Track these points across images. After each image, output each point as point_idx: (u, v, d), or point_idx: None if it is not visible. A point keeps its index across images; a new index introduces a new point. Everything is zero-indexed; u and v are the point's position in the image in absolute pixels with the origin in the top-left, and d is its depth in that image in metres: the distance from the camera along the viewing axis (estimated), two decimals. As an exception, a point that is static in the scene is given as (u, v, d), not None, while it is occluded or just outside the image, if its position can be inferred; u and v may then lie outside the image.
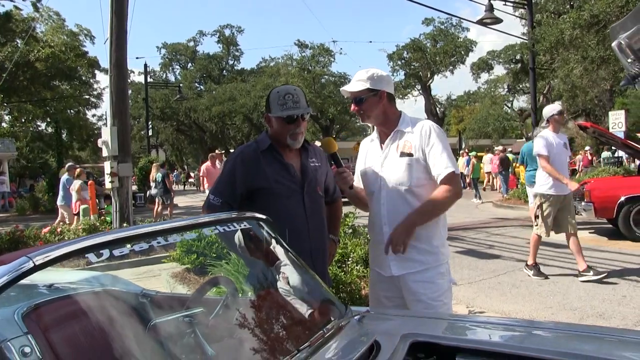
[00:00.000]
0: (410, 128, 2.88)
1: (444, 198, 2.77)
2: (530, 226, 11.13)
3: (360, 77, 2.88)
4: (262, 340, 1.89)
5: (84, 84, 38.26)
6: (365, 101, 2.87)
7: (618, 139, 11.10)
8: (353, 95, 2.90)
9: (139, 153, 37.58)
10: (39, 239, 8.90)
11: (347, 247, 5.89)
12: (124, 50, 8.97)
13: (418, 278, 2.81)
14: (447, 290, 2.88)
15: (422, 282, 2.80)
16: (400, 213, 2.82)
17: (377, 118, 2.93)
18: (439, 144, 2.80)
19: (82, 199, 13.06)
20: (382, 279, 2.94)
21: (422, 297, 2.79)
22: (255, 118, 41.56)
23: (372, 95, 2.86)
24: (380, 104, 2.88)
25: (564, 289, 6.26)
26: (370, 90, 2.84)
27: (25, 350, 1.52)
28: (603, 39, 15.12)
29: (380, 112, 2.90)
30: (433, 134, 2.82)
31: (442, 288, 2.84)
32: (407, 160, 2.83)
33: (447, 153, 2.80)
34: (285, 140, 2.88)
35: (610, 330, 2.12)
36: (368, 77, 2.85)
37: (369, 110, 2.89)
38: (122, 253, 1.63)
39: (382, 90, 2.86)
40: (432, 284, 2.81)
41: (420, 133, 2.83)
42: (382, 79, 2.89)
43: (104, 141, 8.84)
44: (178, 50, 55.57)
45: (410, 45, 35.82)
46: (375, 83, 2.85)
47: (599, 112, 30.41)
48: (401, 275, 2.83)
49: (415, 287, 2.81)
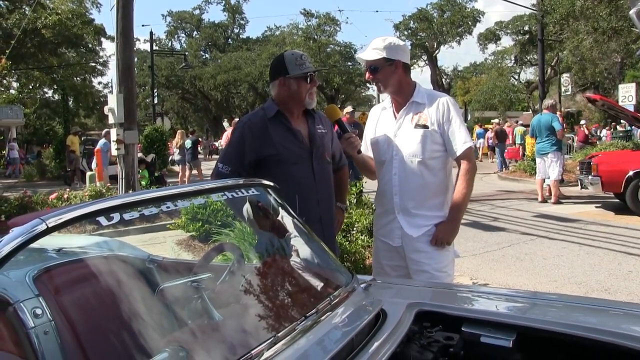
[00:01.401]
0: (426, 100, 2.89)
1: (469, 179, 2.84)
2: (534, 199, 11.19)
3: (376, 45, 2.85)
4: (269, 306, 1.90)
5: (90, 52, 38.04)
6: (381, 70, 2.86)
7: (628, 112, 11.01)
8: (368, 64, 2.88)
9: (144, 121, 37.52)
10: (47, 204, 8.97)
11: (352, 217, 5.91)
12: (130, 18, 8.91)
13: (423, 247, 2.84)
14: (451, 262, 2.91)
15: (426, 252, 2.82)
16: (411, 183, 2.85)
17: (391, 87, 2.91)
18: (457, 118, 2.83)
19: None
20: (388, 248, 2.96)
21: (425, 267, 2.82)
22: (260, 87, 41.29)
23: (387, 64, 2.84)
24: (395, 73, 2.87)
25: (569, 263, 6.27)
26: (386, 60, 2.83)
27: (37, 312, 1.54)
28: (615, 10, 14.88)
29: (396, 82, 2.89)
30: (452, 108, 2.84)
31: (446, 259, 2.87)
32: (422, 132, 2.83)
33: (464, 128, 2.85)
34: (303, 99, 2.88)
35: (615, 303, 2.12)
36: (385, 46, 2.82)
37: (383, 80, 2.88)
38: (132, 217, 1.64)
39: (397, 60, 2.85)
40: (437, 254, 2.83)
41: (438, 107, 2.84)
42: (399, 49, 2.87)
43: (110, 108, 8.84)
44: (184, 18, 55.05)
45: (417, 15, 35.40)
46: (392, 52, 2.82)
47: (608, 85, 30.11)
48: (411, 240, 2.86)
49: (419, 257, 2.83)
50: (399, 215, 2.89)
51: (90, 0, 36.25)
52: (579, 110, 38.29)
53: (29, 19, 27.40)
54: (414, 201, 2.87)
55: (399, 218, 2.89)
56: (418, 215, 2.86)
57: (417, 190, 2.86)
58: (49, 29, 30.36)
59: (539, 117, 10.84)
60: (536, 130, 10.80)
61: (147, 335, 1.54)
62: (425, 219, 2.86)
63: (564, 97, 26.27)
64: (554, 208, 10.22)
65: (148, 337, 1.54)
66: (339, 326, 1.70)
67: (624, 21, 14.59)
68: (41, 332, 1.48)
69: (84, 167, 19.15)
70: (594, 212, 9.74)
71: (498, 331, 1.74)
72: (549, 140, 10.56)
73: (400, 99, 2.94)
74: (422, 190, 2.86)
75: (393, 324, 1.74)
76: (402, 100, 2.93)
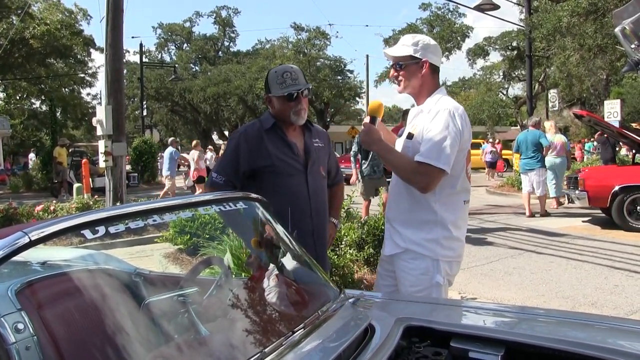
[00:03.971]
0: (432, 107, 2.65)
1: (407, 168, 2.59)
2: (522, 214, 11.25)
3: (405, 41, 2.71)
4: (256, 321, 1.88)
5: (79, 63, 37.91)
6: (405, 68, 2.69)
7: (614, 127, 11.13)
8: (394, 60, 2.72)
9: (133, 133, 37.37)
10: (32, 216, 8.88)
11: (341, 231, 5.90)
12: (120, 30, 8.92)
13: (401, 266, 2.71)
14: (427, 288, 2.64)
15: (402, 271, 2.70)
16: (394, 194, 2.78)
17: (411, 88, 2.73)
18: (436, 129, 2.53)
19: (199, 168, 15.46)
20: (384, 257, 2.89)
21: (401, 286, 2.71)
22: (250, 100, 41.26)
23: (413, 62, 2.67)
24: (419, 73, 2.68)
25: (557, 277, 6.29)
26: (412, 58, 2.66)
27: (19, 327, 1.51)
28: (601, 27, 15.09)
29: (418, 83, 2.71)
30: (438, 117, 2.55)
31: (420, 283, 2.65)
32: (405, 142, 2.70)
33: (437, 143, 2.50)
34: (288, 117, 2.86)
35: (602, 318, 2.12)
36: (413, 42, 2.67)
37: (406, 79, 2.71)
38: (117, 230, 1.62)
39: (424, 60, 2.67)
40: (411, 276, 2.66)
41: (429, 114, 2.63)
42: (428, 48, 2.69)
43: (99, 120, 8.81)
44: (174, 31, 55.01)
45: (407, 30, 35.61)
46: (420, 51, 2.66)
47: (594, 101, 30.44)
48: (391, 255, 2.77)
49: (398, 273, 2.73)
50: (387, 224, 2.84)
51: (80, 12, 36.22)
52: (566, 126, 38.61)
53: (17, 29, 27.30)
54: (393, 213, 2.77)
55: (386, 227, 2.84)
56: (395, 230, 2.73)
57: (397, 202, 2.75)
58: (37, 39, 30.25)
59: (526, 134, 11.10)
60: (522, 146, 11.03)
61: (132, 350, 1.52)
62: (399, 238, 2.70)
63: (551, 113, 26.48)
64: (542, 223, 10.27)
65: (133, 352, 1.52)
66: (326, 341, 1.69)
67: (609, 38, 14.80)
68: (22, 348, 1.45)
69: (72, 178, 19.00)
70: (581, 227, 9.79)
71: (486, 346, 1.73)
72: (535, 156, 10.83)
73: (418, 102, 2.77)
74: (400, 204, 2.73)
75: (381, 339, 1.73)
76: (418, 104, 2.77)
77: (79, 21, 35.62)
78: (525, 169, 11.04)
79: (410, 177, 2.58)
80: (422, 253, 2.64)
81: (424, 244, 2.64)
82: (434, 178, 2.53)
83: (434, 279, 2.63)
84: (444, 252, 2.65)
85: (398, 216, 2.74)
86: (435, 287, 2.65)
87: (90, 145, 30.73)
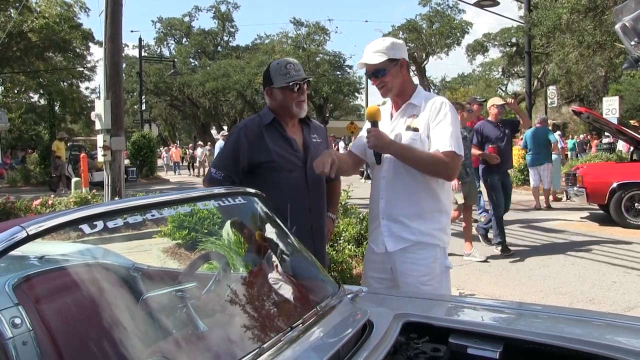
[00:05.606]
0: (422, 102, 2.76)
1: (432, 160, 2.64)
2: (522, 210, 11.26)
3: (377, 48, 2.73)
4: (255, 317, 1.88)
5: (78, 56, 37.77)
6: (388, 73, 2.74)
7: (612, 124, 11.14)
8: (373, 68, 2.75)
9: (131, 127, 37.32)
10: (30, 210, 8.85)
11: (340, 226, 5.90)
12: (119, 24, 8.86)
13: (408, 259, 2.74)
14: (438, 275, 2.76)
15: (411, 263, 2.73)
16: (396, 189, 2.77)
17: (396, 89, 2.80)
18: (446, 121, 2.66)
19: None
20: (375, 256, 2.88)
21: (408, 278, 2.73)
22: (249, 95, 41.29)
23: (393, 65, 2.74)
24: (401, 73, 2.77)
25: (554, 274, 6.30)
26: (391, 61, 2.72)
27: (16, 322, 1.50)
28: (600, 24, 15.08)
29: (400, 82, 2.79)
30: (443, 109, 2.69)
31: (432, 272, 2.74)
32: (412, 135, 2.72)
33: (453, 132, 2.64)
34: (290, 109, 2.87)
35: (599, 314, 2.13)
36: (387, 47, 2.72)
37: (390, 82, 2.77)
38: (115, 225, 1.61)
39: (402, 59, 2.76)
40: (422, 267, 2.72)
41: (430, 108, 2.71)
42: (400, 47, 2.79)
43: (97, 114, 8.76)
44: (173, 25, 54.93)
45: (406, 26, 35.64)
46: (395, 52, 2.73)
47: (593, 98, 30.47)
48: (393, 252, 2.77)
49: (403, 267, 2.75)
50: (382, 221, 2.81)
51: (79, 5, 36.09)
52: (565, 122, 38.65)
53: (15, 22, 27.21)
54: (397, 208, 2.76)
55: (383, 224, 2.80)
56: (401, 224, 2.75)
57: (402, 197, 2.75)
58: (36, 32, 30.18)
59: (534, 130, 11.50)
60: (530, 143, 11.56)
61: (130, 345, 1.51)
62: (407, 232, 2.73)
63: (550, 109, 26.51)
64: (540, 218, 10.28)
65: (131, 347, 1.51)
66: (325, 337, 1.69)
67: (608, 35, 14.79)
68: (19, 343, 1.44)
69: (70, 173, 18.97)
70: (579, 223, 9.80)
71: (485, 342, 1.73)
72: (543, 152, 11.48)
73: (401, 100, 2.83)
74: (406, 197, 2.74)
75: (380, 335, 1.73)
76: (402, 102, 2.83)
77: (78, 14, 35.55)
78: (534, 164, 11.60)
79: (437, 168, 2.67)
80: (431, 242, 2.76)
81: (433, 234, 2.76)
82: (458, 164, 2.72)
83: (445, 264, 2.80)
84: (446, 238, 2.84)
85: (404, 210, 2.76)
86: (446, 272, 2.82)
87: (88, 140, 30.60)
